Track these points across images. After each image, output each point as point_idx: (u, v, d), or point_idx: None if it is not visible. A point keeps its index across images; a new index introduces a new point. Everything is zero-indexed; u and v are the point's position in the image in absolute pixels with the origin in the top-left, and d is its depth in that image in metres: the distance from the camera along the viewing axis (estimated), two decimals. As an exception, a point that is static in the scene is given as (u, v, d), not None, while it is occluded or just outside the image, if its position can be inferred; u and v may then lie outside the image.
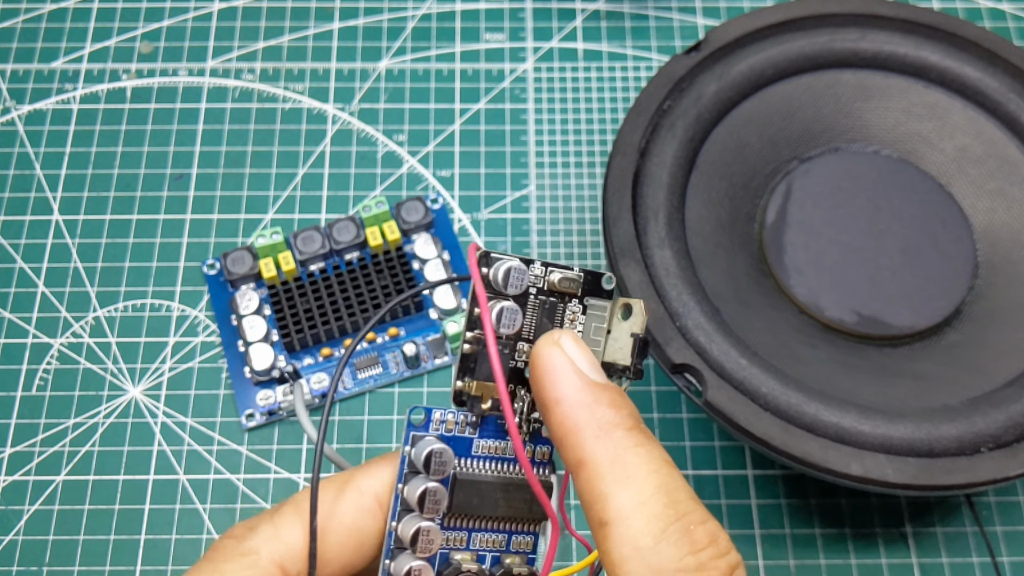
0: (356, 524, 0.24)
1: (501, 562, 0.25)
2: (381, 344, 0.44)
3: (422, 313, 0.45)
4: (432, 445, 0.24)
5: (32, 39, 0.53)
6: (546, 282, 0.24)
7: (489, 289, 0.24)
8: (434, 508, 0.24)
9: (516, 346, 0.24)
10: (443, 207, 0.48)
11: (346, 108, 0.51)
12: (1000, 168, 0.42)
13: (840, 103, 0.43)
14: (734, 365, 0.36)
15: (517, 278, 0.24)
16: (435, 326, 0.45)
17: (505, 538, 0.25)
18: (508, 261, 0.24)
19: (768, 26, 0.43)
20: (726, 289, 0.39)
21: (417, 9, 0.54)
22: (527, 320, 0.24)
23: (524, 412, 0.25)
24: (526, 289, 0.24)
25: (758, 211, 0.42)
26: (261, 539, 0.23)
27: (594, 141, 0.50)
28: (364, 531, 0.24)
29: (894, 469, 0.34)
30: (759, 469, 0.42)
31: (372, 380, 0.44)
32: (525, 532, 0.25)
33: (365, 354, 0.44)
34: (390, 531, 0.24)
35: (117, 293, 0.46)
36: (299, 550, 0.23)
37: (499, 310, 0.24)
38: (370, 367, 0.44)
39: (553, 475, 0.25)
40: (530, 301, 0.24)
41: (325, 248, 0.45)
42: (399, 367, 0.44)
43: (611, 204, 0.39)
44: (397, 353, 0.44)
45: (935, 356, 0.39)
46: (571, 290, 0.25)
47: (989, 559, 0.40)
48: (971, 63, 0.42)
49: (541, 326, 0.24)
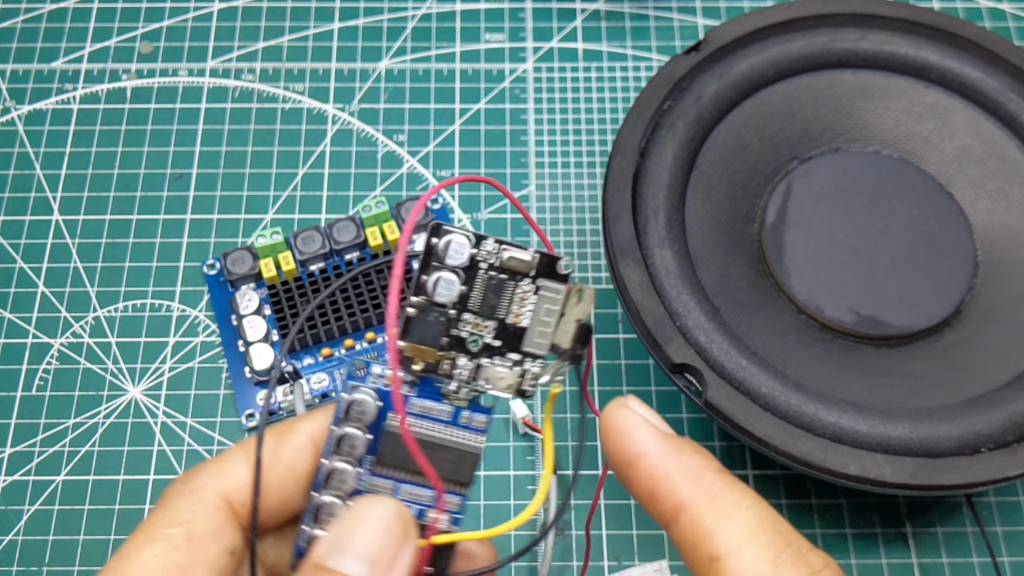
0: (294, 462, 0.26)
1: (424, 515, 0.26)
2: (381, 344, 0.44)
3: (422, 313, 0.45)
4: (356, 395, 0.25)
5: (32, 39, 0.53)
6: (498, 259, 0.25)
7: (436, 259, 0.25)
8: (350, 452, 0.25)
9: (461, 316, 0.25)
10: (443, 207, 0.48)
11: (346, 108, 0.51)
12: (1000, 168, 0.42)
13: (840, 103, 0.43)
14: (734, 365, 0.36)
15: (456, 251, 0.25)
16: (435, 326, 0.45)
17: (433, 494, 0.26)
18: (453, 234, 0.25)
19: (768, 26, 0.43)
20: (726, 289, 0.39)
21: (417, 9, 0.54)
22: (475, 292, 0.25)
23: (464, 379, 0.26)
24: (473, 263, 0.25)
25: (758, 211, 0.42)
26: (207, 476, 0.25)
27: (594, 141, 0.50)
28: (301, 469, 0.26)
29: (892, 469, 0.34)
30: (759, 469, 0.42)
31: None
32: (454, 493, 0.26)
33: (365, 354, 0.44)
34: (319, 467, 0.26)
35: (117, 293, 0.46)
36: (244, 483, 0.25)
37: (436, 279, 0.25)
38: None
39: (482, 445, 0.26)
40: (480, 275, 0.25)
41: (325, 248, 0.45)
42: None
43: (611, 204, 0.39)
44: (397, 353, 0.44)
45: (934, 356, 0.39)
46: (522, 270, 0.25)
47: (989, 559, 0.40)
48: (971, 63, 0.42)
49: (487, 300, 0.25)
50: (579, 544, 0.41)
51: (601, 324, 0.45)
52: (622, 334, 0.45)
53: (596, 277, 0.47)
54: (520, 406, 0.41)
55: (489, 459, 0.42)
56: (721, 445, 0.43)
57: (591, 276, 0.47)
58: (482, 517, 0.41)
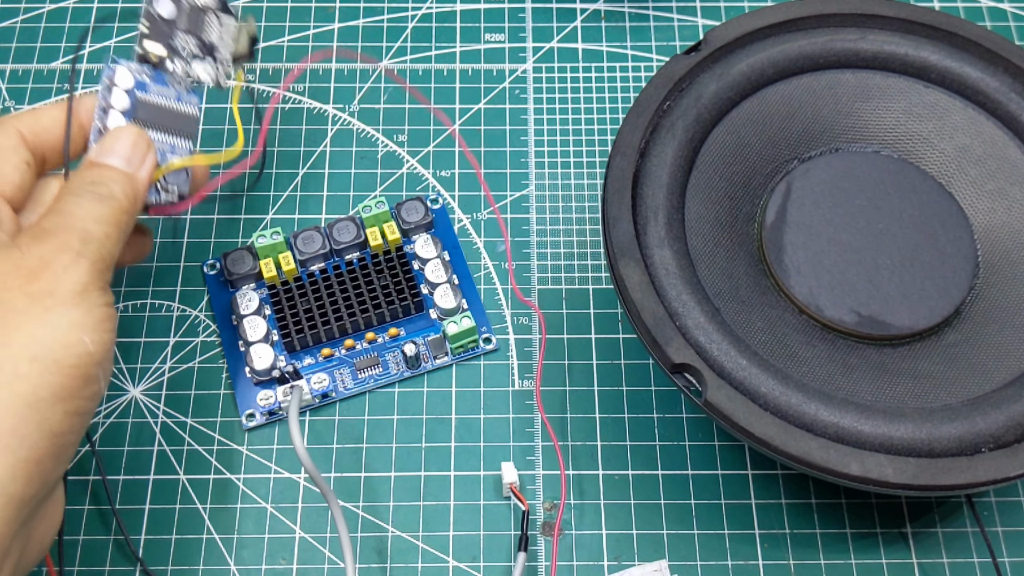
0: (88, 117, 0.38)
1: (166, 156, 0.39)
2: (381, 344, 0.44)
3: (422, 313, 0.45)
4: (117, 67, 0.39)
5: (32, 39, 0.53)
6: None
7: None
8: (115, 105, 0.38)
9: (175, 34, 0.40)
10: (443, 207, 0.48)
11: (346, 108, 0.51)
12: (1000, 168, 0.42)
13: (840, 103, 0.43)
14: (734, 365, 0.36)
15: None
16: (435, 326, 0.45)
17: (174, 143, 0.40)
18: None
19: (768, 26, 0.43)
20: (726, 289, 0.39)
21: (417, 9, 0.54)
22: (182, 20, 0.40)
23: (180, 73, 0.40)
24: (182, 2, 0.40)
25: (758, 211, 0.42)
26: (15, 116, 0.37)
27: (594, 141, 0.50)
28: (85, 125, 0.38)
29: (894, 469, 0.34)
30: (759, 469, 0.42)
31: (372, 380, 0.44)
32: (185, 139, 0.40)
33: (365, 354, 0.44)
34: (97, 117, 0.38)
35: (117, 293, 0.46)
36: (47, 122, 0.37)
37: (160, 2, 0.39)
38: (370, 367, 0.44)
39: (198, 112, 0.41)
40: (183, 9, 0.40)
41: (325, 248, 0.45)
42: (399, 367, 0.44)
43: (611, 204, 0.39)
44: (397, 353, 0.44)
45: (935, 356, 0.39)
46: (210, 6, 0.40)
47: (990, 559, 0.40)
48: (971, 63, 0.42)
49: (192, 26, 0.40)
50: (580, 544, 0.41)
51: (601, 324, 0.45)
52: (622, 334, 0.45)
53: (596, 277, 0.47)
54: (510, 473, 0.41)
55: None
56: (721, 445, 0.43)
57: (591, 276, 0.47)
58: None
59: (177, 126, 0.40)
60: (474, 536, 0.41)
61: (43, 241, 0.33)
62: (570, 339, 0.45)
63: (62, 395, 0.31)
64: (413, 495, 0.42)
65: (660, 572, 0.40)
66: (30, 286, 0.32)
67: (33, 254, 0.32)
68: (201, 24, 0.40)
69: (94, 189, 0.35)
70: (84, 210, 0.34)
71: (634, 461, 0.42)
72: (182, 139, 0.40)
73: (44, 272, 0.32)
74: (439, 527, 0.41)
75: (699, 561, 0.40)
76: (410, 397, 0.44)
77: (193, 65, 0.40)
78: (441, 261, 0.45)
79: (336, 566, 0.40)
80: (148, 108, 0.39)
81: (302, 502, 0.42)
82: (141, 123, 0.38)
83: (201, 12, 0.40)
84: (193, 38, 0.40)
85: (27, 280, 0.32)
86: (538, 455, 0.42)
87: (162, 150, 0.39)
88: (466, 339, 0.44)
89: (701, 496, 0.42)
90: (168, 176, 0.39)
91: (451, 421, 0.43)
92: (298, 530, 0.41)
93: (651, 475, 0.42)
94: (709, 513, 0.41)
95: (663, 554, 0.41)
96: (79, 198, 0.35)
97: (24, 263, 0.32)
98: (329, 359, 0.44)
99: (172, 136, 0.39)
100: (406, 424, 0.43)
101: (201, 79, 0.40)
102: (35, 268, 0.32)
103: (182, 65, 0.40)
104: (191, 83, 0.40)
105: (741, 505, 0.42)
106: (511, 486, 0.41)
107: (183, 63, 0.40)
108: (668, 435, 0.43)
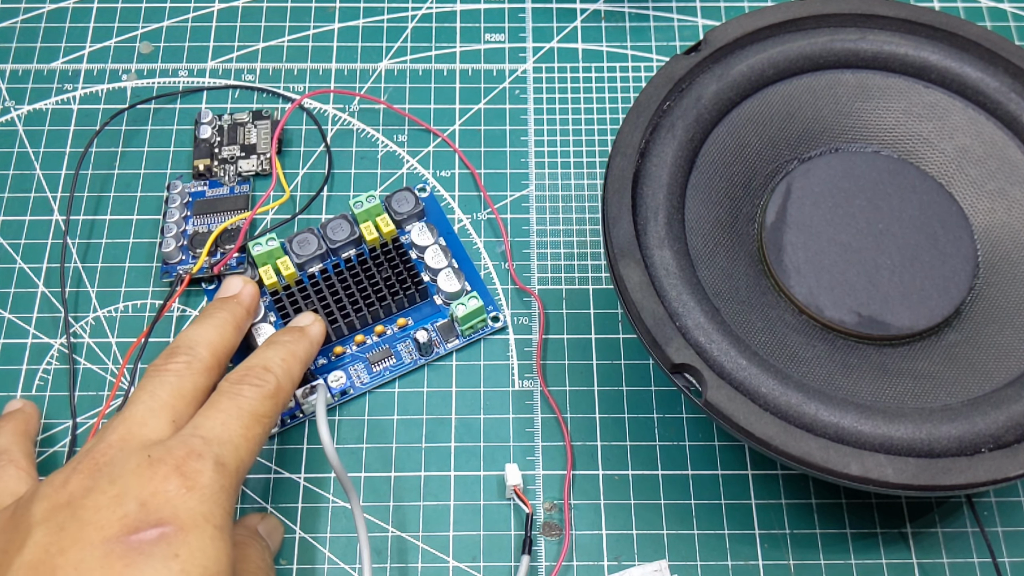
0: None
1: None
2: (391, 335, 0.44)
3: (427, 300, 0.45)
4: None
5: (32, 39, 0.53)
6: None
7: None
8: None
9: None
10: (431, 194, 0.48)
11: (346, 108, 0.51)
12: (1000, 168, 0.42)
13: (840, 103, 0.43)
14: (734, 365, 0.36)
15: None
16: (442, 311, 0.45)
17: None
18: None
19: (768, 26, 0.43)
20: (726, 289, 0.39)
21: (417, 9, 0.54)
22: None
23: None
24: None
25: (758, 211, 0.42)
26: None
27: (594, 141, 0.50)
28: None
29: (894, 469, 0.34)
30: (759, 469, 0.42)
31: (388, 371, 0.44)
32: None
33: (377, 348, 0.44)
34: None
35: (117, 293, 0.46)
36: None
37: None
38: (384, 360, 0.44)
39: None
40: None
41: (322, 249, 0.45)
42: (412, 355, 0.44)
43: (611, 204, 0.39)
44: (409, 342, 0.44)
45: (935, 356, 0.39)
46: None
47: (990, 559, 0.40)
48: (971, 63, 0.42)
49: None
50: (580, 544, 0.41)
51: (601, 324, 0.45)
52: (622, 334, 0.45)
53: (596, 277, 0.47)
54: (514, 475, 0.41)
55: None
56: (721, 445, 0.43)
57: (591, 276, 0.47)
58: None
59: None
60: (474, 536, 0.41)
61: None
62: (570, 339, 0.45)
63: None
64: (413, 495, 0.42)
65: (660, 572, 0.40)
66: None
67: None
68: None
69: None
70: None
71: (634, 461, 0.42)
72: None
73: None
74: (439, 527, 0.41)
75: (699, 561, 0.40)
76: (410, 397, 0.44)
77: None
78: (439, 247, 0.45)
79: (336, 566, 0.40)
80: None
81: (302, 502, 0.42)
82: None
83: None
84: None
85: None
86: (538, 455, 0.42)
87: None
88: (476, 319, 0.44)
89: (701, 496, 0.42)
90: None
91: (451, 421, 0.43)
92: (298, 530, 0.41)
93: (651, 475, 0.42)
94: (709, 513, 0.41)
95: (663, 554, 0.41)
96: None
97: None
98: (341, 357, 0.44)
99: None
100: (406, 424, 0.43)
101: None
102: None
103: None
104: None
105: (741, 505, 0.42)
106: (515, 488, 0.41)
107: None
108: (668, 435, 0.43)
